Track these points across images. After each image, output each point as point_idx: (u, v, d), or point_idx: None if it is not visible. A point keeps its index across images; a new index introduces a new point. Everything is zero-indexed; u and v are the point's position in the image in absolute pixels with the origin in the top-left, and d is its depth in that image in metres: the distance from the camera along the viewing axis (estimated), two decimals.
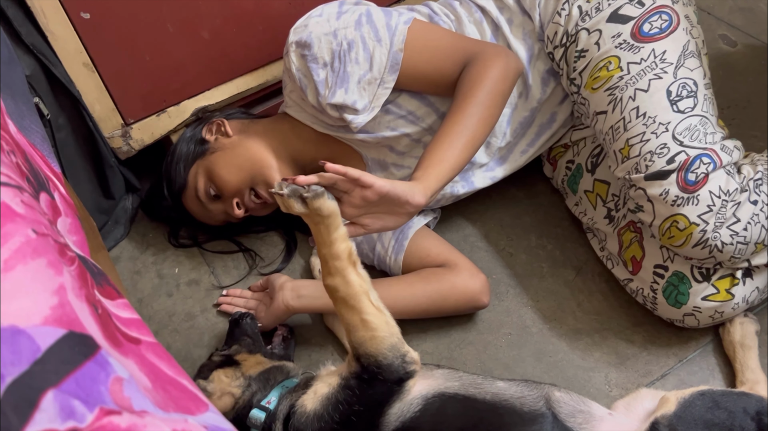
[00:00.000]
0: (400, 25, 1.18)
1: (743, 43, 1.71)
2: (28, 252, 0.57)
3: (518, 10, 1.28)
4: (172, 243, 1.48)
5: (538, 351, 1.23)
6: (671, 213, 1.09)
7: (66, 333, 0.53)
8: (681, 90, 1.12)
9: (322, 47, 1.17)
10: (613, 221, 1.27)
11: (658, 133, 1.10)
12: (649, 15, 1.16)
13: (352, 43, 1.16)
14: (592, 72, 1.19)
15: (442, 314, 1.27)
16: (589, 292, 1.30)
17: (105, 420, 0.48)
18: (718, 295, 1.13)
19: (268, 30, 1.42)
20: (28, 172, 0.72)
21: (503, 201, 1.42)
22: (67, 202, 0.83)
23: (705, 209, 1.07)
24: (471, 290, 1.24)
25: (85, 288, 0.63)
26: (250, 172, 1.27)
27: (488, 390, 0.97)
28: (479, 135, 1.12)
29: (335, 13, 1.19)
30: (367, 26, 1.17)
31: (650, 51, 1.14)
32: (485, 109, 1.12)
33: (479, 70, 1.14)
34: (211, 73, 1.42)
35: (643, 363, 1.20)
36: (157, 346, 0.68)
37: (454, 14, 1.31)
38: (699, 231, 1.07)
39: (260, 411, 1.02)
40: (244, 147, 1.29)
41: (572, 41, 1.21)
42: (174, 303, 1.39)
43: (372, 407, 0.94)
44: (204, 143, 1.32)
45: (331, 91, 1.18)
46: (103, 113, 1.36)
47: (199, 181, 1.31)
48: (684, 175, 1.07)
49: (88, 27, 1.24)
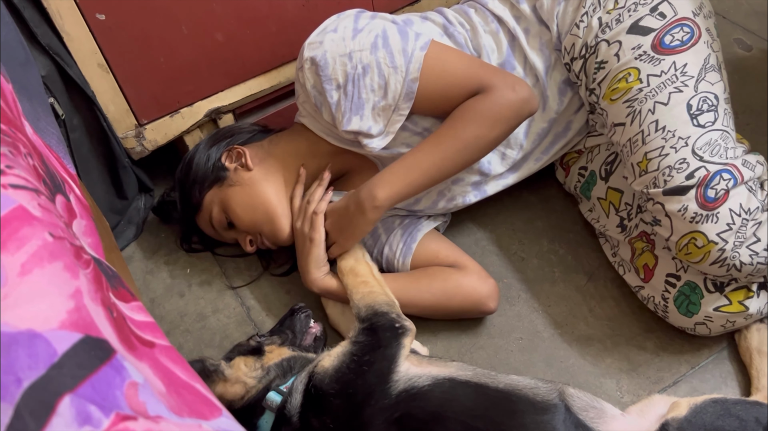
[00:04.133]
0: (416, 52, 1.15)
1: (759, 48, 1.70)
2: (45, 255, 0.57)
3: (535, 20, 1.26)
4: (184, 248, 1.47)
5: (549, 357, 1.23)
6: (690, 230, 1.07)
7: (82, 337, 0.54)
8: (702, 104, 1.10)
9: (336, 69, 1.15)
10: (626, 230, 1.26)
11: (677, 147, 1.08)
12: (670, 27, 1.14)
13: (367, 67, 1.14)
14: (611, 83, 1.17)
15: (446, 314, 1.27)
16: (600, 298, 1.30)
17: (121, 426, 0.49)
18: (731, 307, 1.12)
19: (282, 32, 1.42)
20: (44, 175, 0.72)
21: (515, 205, 1.42)
22: (83, 203, 0.83)
23: (725, 227, 1.05)
24: (478, 293, 1.23)
25: (101, 291, 0.64)
26: (262, 217, 1.28)
27: (501, 380, 0.99)
28: (454, 161, 1.15)
29: (351, 31, 1.16)
30: (383, 50, 1.14)
31: (671, 63, 1.12)
32: (471, 137, 1.13)
33: (480, 103, 1.13)
34: (225, 75, 1.43)
35: (655, 369, 1.19)
36: (170, 350, 0.69)
37: (470, 24, 1.28)
38: (717, 250, 1.05)
39: (277, 395, 1.03)
40: (260, 188, 1.27)
41: (592, 53, 1.19)
42: (186, 304, 1.39)
43: (380, 359, 1.02)
44: (223, 169, 1.29)
45: (346, 117, 1.17)
46: (117, 114, 1.36)
47: (214, 209, 1.29)
48: (704, 191, 1.05)
49: (103, 28, 1.25)
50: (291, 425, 1.01)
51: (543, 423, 0.93)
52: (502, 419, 0.94)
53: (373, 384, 0.99)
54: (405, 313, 1.13)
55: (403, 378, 1.00)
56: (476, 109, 1.13)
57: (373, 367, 1.01)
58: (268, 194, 1.27)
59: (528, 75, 1.27)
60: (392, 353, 1.03)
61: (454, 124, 1.14)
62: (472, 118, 1.13)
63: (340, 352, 1.05)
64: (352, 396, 0.99)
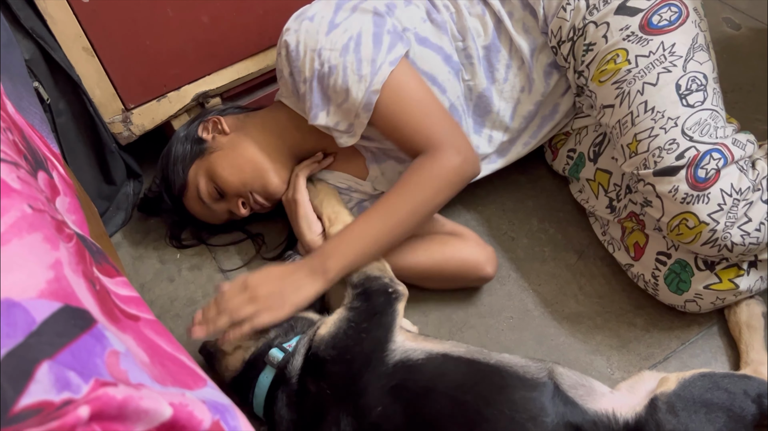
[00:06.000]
0: (385, 65, 1.12)
1: (747, 26, 1.70)
2: (24, 226, 0.56)
3: (519, 5, 1.25)
4: (174, 244, 1.45)
5: (539, 335, 1.23)
6: (681, 210, 1.06)
7: (62, 306, 0.53)
8: (690, 84, 1.09)
9: (305, 62, 1.14)
10: (615, 211, 1.26)
11: (666, 128, 1.07)
12: (658, 7, 1.13)
13: (333, 68, 1.12)
14: (599, 65, 1.16)
15: (444, 280, 1.26)
16: (591, 276, 1.30)
17: (100, 391, 0.48)
18: (721, 284, 1.12)
19: (269, 14, 1.41)
20: (25, 150, 0.72)
21: (505, 185, 1.42)
22: (66, 181, 0.83)
23: (716, 208, 1.04)
24: (476, 257, 1.24)
25: (83, 264, 0.63)
26: (250, 174, 1.27)
27: (493, 357, 1.01)
28: (398, 234, 1.13)
29: (327, 24, 1.14)
30: (352, 55, 1.12)
31: (659, 44, 1.11)
32: (413, 209, 1.12)
33: (427, 167, 1.12)
34: (212, 58, 1.42)
35: (645, 346, 1.19)
36: (155, 323, 0.68)
37: (455, 6, 1.26)
38: (709, 231, 1.05)
39: (279, 351, 1.05)
40: (242, 147, 1.27)
41: (580, 35, 1.18)
42: (176, 289, 1.39)
43: (377, 327, 1.03)
44: (201, 142, 1.29)
45: (313, 113, 1.17)
46: (104, 98, 1.35)
47: (200, 181, 1.28)
48: (694, 171, 1.05)
49: (87, 11, 1.24)
50: (289, 386, 1.02)
51: (531, 400, 0.93)
52: (491, 393, 0.94)
53: (371, 352, 1.00)
54: (402, 279, 1.13)
55: (400, 349, 1.01)
56: (424, 175, 1.12)
57: (371, 335, 1.02)
58: (251, 151, 1.27)
59: (513, 58, 1.26)
60: (388, 321, 1.04)
61: (403, 190, 1.13)
62: (420, 184, 1.12)
63: (336, 319, 1.05)
64: (349, 363, 1.00)
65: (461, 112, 1.27)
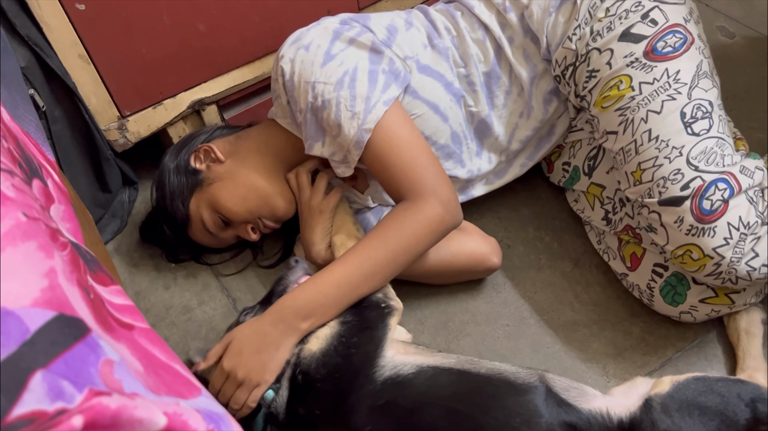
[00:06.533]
0: (379, 104, 1.11)
1: (741, 35, 1.71)
2: (18, 235, 0.56)
3: (521, 31, 1.23)
4: (171, 261, 1.43)
5: (535, 343, 1.23)
6: (686, 242, 1.04)
7: (56, 315, 0.53)
8: (696, 111, 1.07)
9: (300, 94, 1.14)
10: (611, 223, 1.26)
11: (671, 157, 1.05)
12: (663, 34, 1.11)
13: (326, 102, 1.11)
14: (602, 91, 1.14)
15: (452, 275, 1.26)
16: (586, 284, 1.30)
17: (94, 401, 0.48)
18: (717, 299, 1.12)
19: (265, 22, 1.41)
20: (20, 158, 0.72)
21: (501, 193, 1.42)
22: (61, 189, 0.82)
23: (722, 242, 1.02)
24: (481, 249, 1.24)
25: (77, 273, 0.63)
26: (256, 202, 1.25)
27: (483, 366, 1.00)
28: (373, 283, 1.09)
29: (323, 55, 1.13)
30: (347, 91, 1.11)
31: (663, 71, 1.09)
32: (390, 258, 1.09)
33: (407, 217, 1.10)
34: (208, 66, 1.42)
35: (640, 354, 1.19)
36: (150, 332, 0.68)
37: (456, 30, 1.25)
38: (713, 264, 1.03)
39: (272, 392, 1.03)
40: (242, 175, 1.25)
41: (582, 61, 1.16)
42: (171, 296, 1.39)
43: (367, 341, 1.02)
44: (196, 173, 1.27)
45: (308, 143, 1.17)
46: (99, 105, 1.35)
47: (204, 213, 1.26)
48: (699, 202, 1.02)
49: (83, 18, 1.24)
50: (278, 423, 1.01)
51: (525, 403, 0.94)
52: (484, 401, 0.94)
53: (359, 369, 1.00)
54: (411, 278, 1.13)
55: (389, 365, 1.00)
56: (405, 223, 1.09)
57: (360, 350, 1.01)
58: (252, 178, 1.25)
59: (513, 84, 1.25)
60: (379, 335, 1.03)
61: (383, 236, 1.09)
62: (401, 231, 1.09)
63: (327, 334, 1.04)
64: (338, 382, 0.99)
65: (462, 138, 1.26)
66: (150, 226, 1.41)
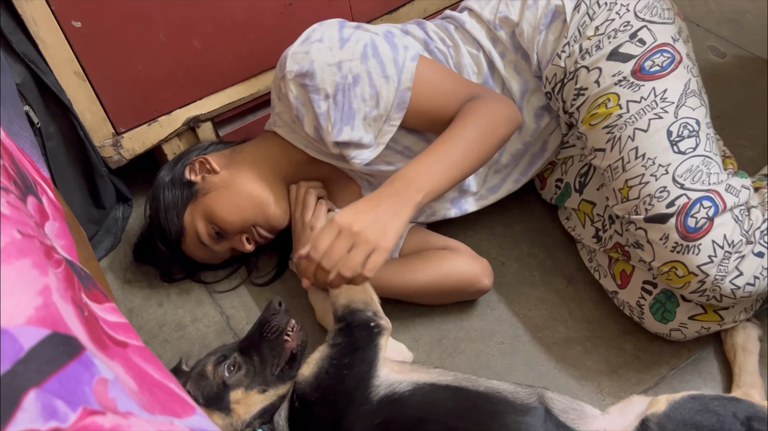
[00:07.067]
0: (407, 62, 1.13)
1: (732, 54, 1.73)
2: (13, 252, 0.56)
3: (511, 47, 1.25)
4: (165, 280, 1.42)
5: (530, 360, 1.23)
6: (671, 259, 1.06)
7: (50, 333, 0.53)
8: (682, 130, 1.08)
9: (325, 79, 1.12)
10: (601, 241, 1.26)
11: (657, 175, 1.07)
12: (651, 53, 1.13)
13: (357, 77, 1.12)
14: (590, 108, 1.15)
15: (443, 296, 1.27)
16: (580, 301, 1.30)
17: (88, 420, 0.48)
18: (706, 316, 1.12)
19: (260, 39, 1.42)
20: (15, 175, 0.72)
21: (494, 210, 1.42)
22: (56, 206, 0.82)
23: (706, 260, 1.03)
24: (473, 270, 1.25)
25: (72, 290, 0.63)
26: (251, 210, 1.25)
27: (481, 384, 1.00)
28: (470, 159, 1.09)
29: (338, 40, 1.13)
30: (373, 60, 1.12)
31: (651, 89, 1.10)
32: (479, 137, 1.10)
33: (480, 104, 1.12)
34: (203, 83, 1.42)
35: (634, 371, 1.19)
36: (144, 350, 0.68)
37: (451, 41, 1.27)
38: (698, 281, 1.04)
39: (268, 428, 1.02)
40: (237, 184, 1.24)
41: (570, 78, 1.18)
42: (164, 313, 1.38)
43: (359, 362, 1.01)
44: (191, 185, 1.26)
45: (337, 128, 1.14)
46: (94, 122, 1.35)
47: (199, 225, 1.25)
48: (683, 219, 1.04)
49: (79, 36, 1.24)
50: None
51: (524, 424, 0.93)
52: (482, 419, 0.94)
53: (353, 389, 0.99)
54: (402, 298, 1.11)
55: (384, 383, 0.99)
56: (479, 110, 1.11)
57: (353, 371, 1.00)
58: (248, 186, 1.25)
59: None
60: (370, 356, 1.02)
61: (464, 121, 1.10)
62: (476, 117, 1.11)
63: (318, 358, 1.04)
64: (333, 403, 0.98)
65: None
66: (143, 246, 1.40)
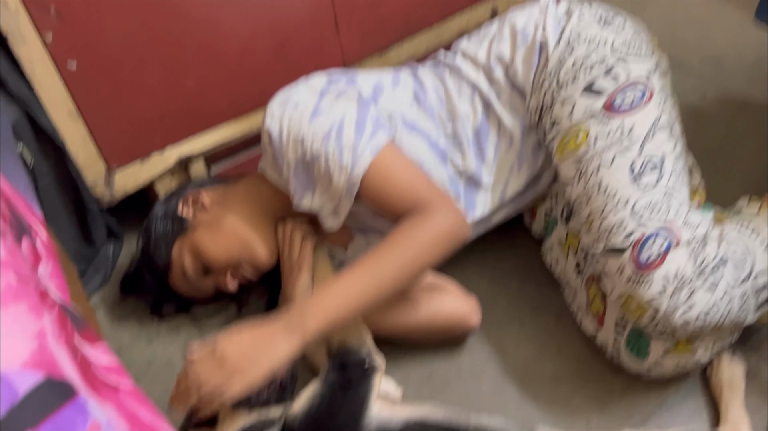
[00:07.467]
0: (365, 153, 1.11)
1: (713, 94, 1.77)
2: (10, 296, 0.57)
3: (506, 86, 1.27)
4: (154, 314, 1.42)
5: (519, 397, 1.23)
6: (625, 291, 1.09)
7: (45, 377, 0.53)
8: (645, 165, 1.11)
9: (288, 150, 1.14)
10: (581, 274, 1.27)
11: (617, 209, 1.10)
12: (622, 89, 1.16)
13: (316, 157, 1.13)
14: (561, 141, 1.19)
15: (432, 336, 1.27)
16: (568, 338, 1.31)
17: None
18: (678, 349, 1.13)
19: (253, 79, 1.45)
20: (10, 217, 0.73)
21: (483, 246, 1.44)
22: (49, 247, 0.83)
23: (656, 294, 1.06)
24: (461, 311, 1.25)
25: (65, 333, 0.63)
26: (237, 249, 1.25)
27: (473, 420, 1.01)
28: (386, 289, 1.07)
29: (310, 111, 1.14)
30: (334, 143, 1.11)
31: (618, 125, 1.14)
32: (402, 266, 1.07)
33: (418, 225, 1.09)
34: (195, 121, 1.44)
35: (623, 408, 1.20)
36: (136, 392, 0.68)
37: (444, 88, 1.28)
38: (649, 315, 1.07)
39: None
40: (226, 222, 1.25)
41: (548, 110, 1.21)
42: (154, 351, 1.38)
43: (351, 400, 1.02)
44: (182, 220, 1.28)
45: (298, 195, 1.18)
46: (87, 160, 1.36)
47: (185, 259, 1.26)
48: (638, 253, 1.07)
49: (74, 76, 1.26)
50: None
51: None
52: None
53: (344, 427, 0.99)
54: (390, 337, 1.11)
55: (375, 421, 1.00)
56: (414, 232, 1.08)
57: (344, 409, 1.01)
58: (235, 224, 1.25)
59: (502, 138, 1.28)
60: (362, 394, 1.03)
61: (392, 246, 1.08)
62: (410, 240, 1.08)
63: (309, 395, 1.04)
64: None
65: None
66: (131, 278, 1.41)
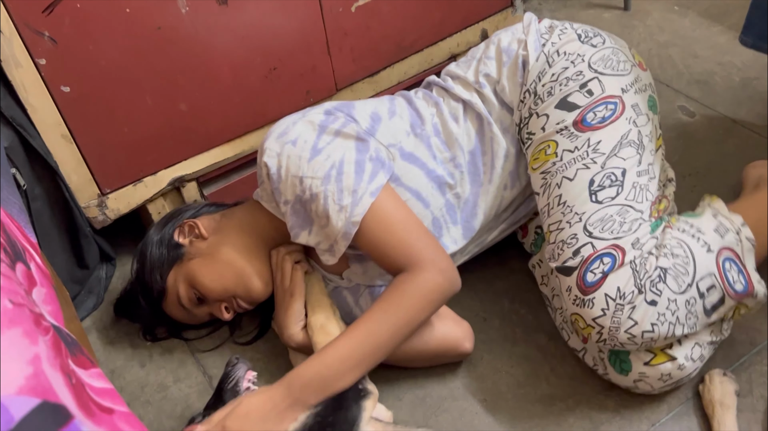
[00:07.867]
0: (365, 196, 1.12)
1: (701, 114, 1.80)
2: (5, 321, 0.57)
3: (497, 103, 1.28)
4: (148, 340, 1.43)
5: (513, 418, 1.23)
6: (574, 310, 1.11)
7: (40, 402, 0.54)
8: (604, 180, 1.13)
9: (287, 187, 1.15)
10: None
11: (571, 222, 1.12)
12: (595, 105, 1.18)
13: (314, 196, 1.13)
14: (534, 152, 1.21)
15: (425, 360, 1.27)
16: (561, 357, 1.31)
17: None
18: (658, 358, 1.13)
19: (245, 102, 1.46)
20: (5, 243, 0.73)
21: (475, 266, 1.45)
22: (43, 271, 0.83)
23: (599, 313, 1.07)
24: (454, 335, 1.25)
25: (60, 357, 0.63)
26: (233, 281, 1.26)
27: None
28: (380, 352, 1.10)
29: (309, 150, 1.14)
30: (334, 185, 1.12)
31: (586, 140, 1.15)
32: (396, 329, 1.10)
33: (409, 285, 1.11)
34: (188, 143, 1.45)
35: (616, 427, 1.20)
36: (130, 416, 0.68)
37: (439, 114, 1.29)
38: (595, 334, 1.09)
39: None
40: (222, 253, 1.26)
41: (525, 124, 1.24)
42: (147, 374, 1.37)
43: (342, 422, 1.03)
44: (178, 247, 1.28)
45: (294, 231, 1.19)
46: (80, 183, 1.37)
47: (181, 287, 1.27)
48: (583, 273, 1.08)
49: (67, 100, 1.27)
50: None
51: None
52: None
53: None
54: (383, 361, 1.11)
55: None
56: (406, 295, 1.11)
57: (335, 429, 1.01)
58: (232, 257, 1.26)
59: (496, 157, 1.28)
60: (353, 415, 1.03)
61: (385, 310, 1.11)
62: (402, 304, 1.11)
63: (302, 416, 1.04)
64: None
65: (443, 222, 1.28)
66: (125, 301, 1.41)
